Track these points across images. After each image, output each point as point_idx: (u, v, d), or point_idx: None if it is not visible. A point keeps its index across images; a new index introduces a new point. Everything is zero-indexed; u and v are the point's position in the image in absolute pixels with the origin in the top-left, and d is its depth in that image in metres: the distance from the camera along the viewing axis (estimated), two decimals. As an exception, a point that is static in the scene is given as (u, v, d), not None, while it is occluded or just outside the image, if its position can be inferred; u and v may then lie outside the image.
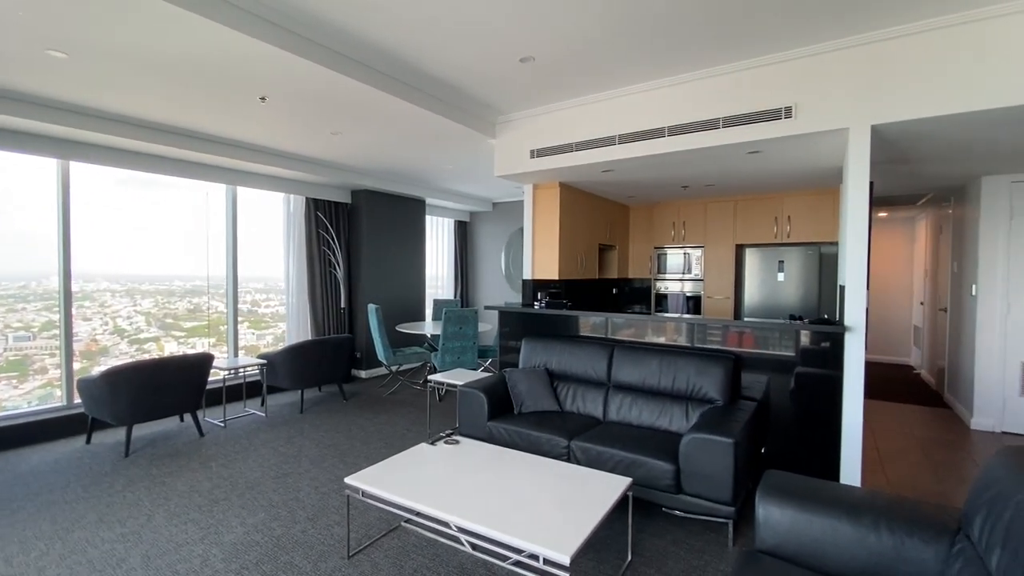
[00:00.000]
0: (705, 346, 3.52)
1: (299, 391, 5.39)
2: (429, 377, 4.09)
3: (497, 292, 7.98)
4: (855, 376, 2.91)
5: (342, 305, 6.12)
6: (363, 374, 6.23)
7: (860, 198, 2.94)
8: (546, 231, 4.83)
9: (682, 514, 2.72)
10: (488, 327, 5.81)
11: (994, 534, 1.30)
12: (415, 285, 6.91)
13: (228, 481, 3.17)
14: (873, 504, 1.69)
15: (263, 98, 3.43)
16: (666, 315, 5.57)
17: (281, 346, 5.40)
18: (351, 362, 6.21)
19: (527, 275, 4.92)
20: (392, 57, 3.12)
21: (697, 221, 6.00)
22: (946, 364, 5.32)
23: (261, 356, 4.82)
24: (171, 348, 4.92)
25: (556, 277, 4.77)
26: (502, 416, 3.29)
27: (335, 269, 6.05)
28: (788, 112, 3.08)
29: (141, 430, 4.18)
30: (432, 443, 2.75)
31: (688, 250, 6.09)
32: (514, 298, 7.63)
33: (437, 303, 6.62)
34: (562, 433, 2.97)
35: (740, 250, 5.80)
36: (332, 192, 6.01)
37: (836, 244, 5.16)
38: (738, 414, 2.79)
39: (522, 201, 7.45)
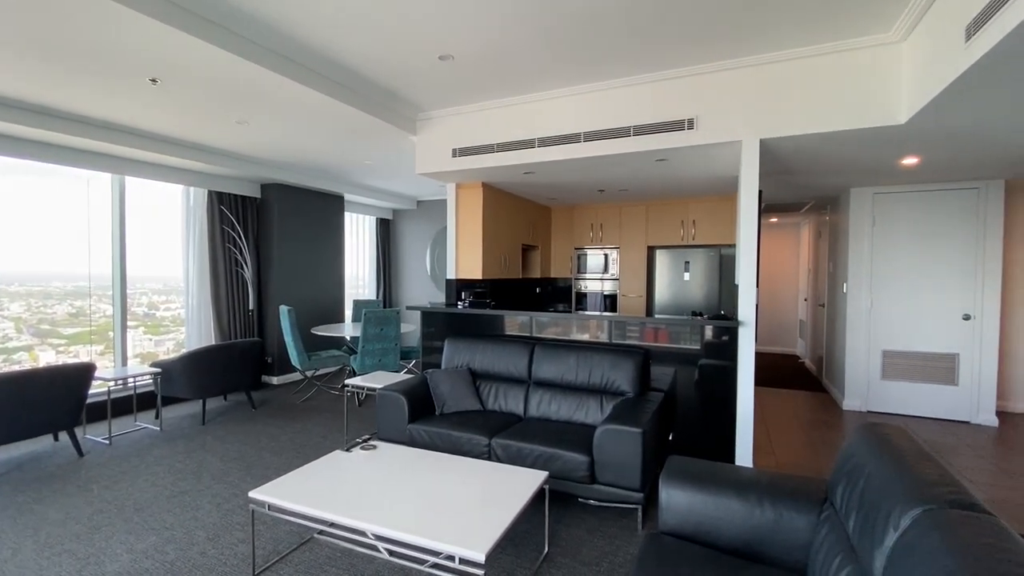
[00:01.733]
0: (618, 342, 3.70)
1: (201, 401, 4.96)
2: (347, 381, 3.93)
3: (422, 292, 7.86)
4: (747, 366, 3.21)
5: (250, 307, 5.72)
6: (275, 380, 5.86)
7: (750, 205, 3.24)
8: (469, 231, 4.83)
9: (597, 503, 2.85)
10: (411, 328, 5.71)
11: (851, 501, 1.50)
12: (333, 285, 6.61)
13: (113, 505, 2.84)
14: (758, 482, 1.87)
15: (154, 80, 3.11)
16: (584, 313, 5.81)
17: (184, 352, 4.94)
18: (261, 368, 5.82)
19: (450, 275, 4.89)
20: (301, 44, 2.96)
21: (613, 224, 6.29)
22: (824, 353, 6.02)
23: (155, 364, 4.38)
24: (48, 358, 4.32)
25: (480, 277, 4.79)
26: (423, 418, 3.25)
27: (242, 268, 5.63)
28: (690, 124, 3.32)
29: (5, 452, 3.63)
30: (348, 450, 2.65)
31: (606, 251, 6.37)
32: (440, 298, 7.55)
33: (357, 304, 6.38)
34: (483, 432, 2.99)
35: (651, 251, 6.17)
36: (239, 185, 5.59)
37: (733, 246, 5.65)
38: (647, 405, 2.97)
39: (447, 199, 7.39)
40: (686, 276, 5.91)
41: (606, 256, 6.37)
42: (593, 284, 6.50)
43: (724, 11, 2.59)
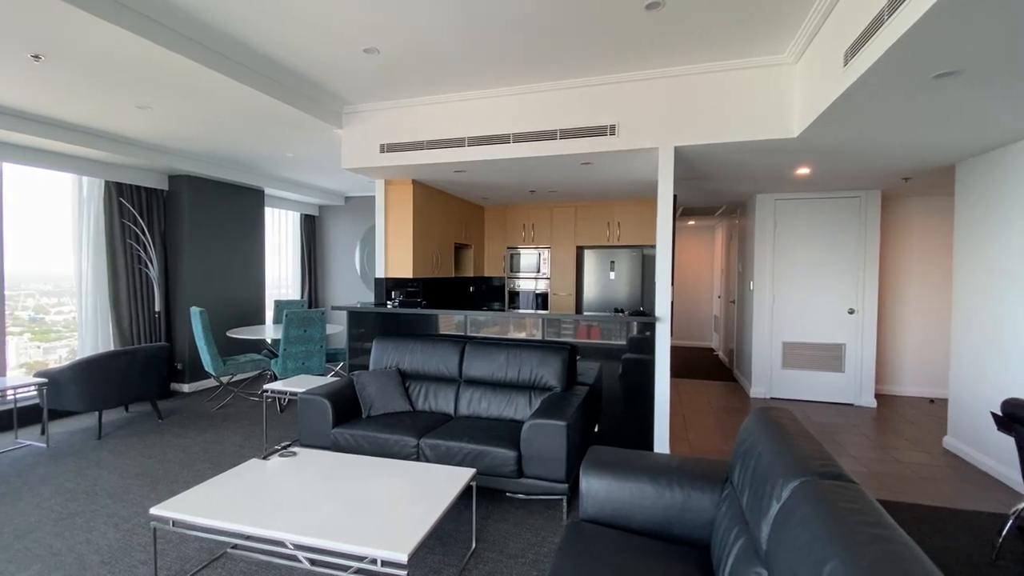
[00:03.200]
0: (546, 339, 3.80)
1: (96, 413, 4.48)
2: (266, 386, 3.73)
3: (352, 292, 7.60)
4: (663, 359, 3.41)
5: (156, 309, 5.25)
6: (186, 388, 5.43)
7: (667, 208, 3.45)
8: (400, 228, 4.74)
9: (524, 496, 2.91)
10: (339, 329, 5.51)
11: (744, 479, 1.65)
12: (252, 285, 6.23)
13: (-17, 534, 2.51)
14: (670, 467, 2.01)
15: (36, 56, 2.78)
16: (513, 312, 5.88)
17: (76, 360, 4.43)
18: (169, 375, 5.37)
19: (380, 273, 4.78)
20: (210, 27, 2.77)
21: (544, 224, 6.44)
22: (734, 346, 6.53)
23: (40, 374, 3.90)
24: None
25: (411, 275, 4.72)
26: (349, 422, 3.16)
27: (147, 267, 5.16)
28: (612, 130, 3.48)
29: None
30: (265, 458, 2.52)
31: (538, 250, 6.51)
32: (372, 298, 7.34)
33: (279, 305, 6.06)
34: (412, 432, 2.96)
35: (580, 251, 6.38)
36: (142, 176, 5.11)
37: (655, 247, 5.98)
38: (572, 399, 3.08)
39: (376, 197, 7.20)
40: (612, 275, 6.17)
41: (539, 256, 6.50)
42: (526, 283, 6.61)
43: (640, 28, 2.74)
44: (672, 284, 3.46)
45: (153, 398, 4.41)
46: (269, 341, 5.76)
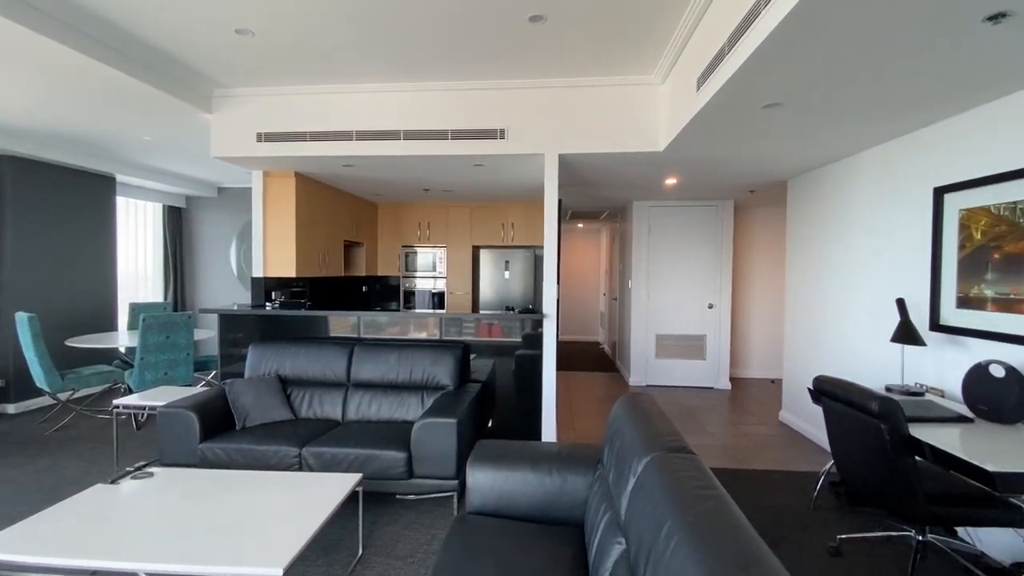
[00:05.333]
0: (439, 338, 3.82)
1: None
2: (117, 401, 3.28)
3: (227, 293, 6.92)
4: (550, 353, 3.61)
5: (-35, 316, 4.34)
6: (11, 409, 4.56)
7: (552, 211, 3.65)
8: (281, 224, 4.43)
9: (416, 496, 2.91)
10: (210, 334, 5.00)
11: (611, 459, 1.82)
12: (101, 286, 5.41)
13: None
14: (550, 454, 2.14)
15: None
16: (408, 312, 5.80)
17: None
18: (-15, 394, 4.48)
19: (258, 272, 4.42)
20: (39, -13, 2.37)
21: (440, 223, 6.43)
22: (616, 339, 7.08)
23: None
24: None
25: (294, 274, 4.43)
26: (220, 435, 2.89)
27: (-50, 265, 4.24)
28: (502, 134, 3.59)
29: None
30: (114, 482, 2.23)
31: (434, 249, 6.47)
32: (250, 299, 6.74)
33: (135, 308, 5.33)
34: (293, 442, 2.80)
35: (476, 251, 6.48)
36: (-59, 154, 4.19)
37: (547, 247, 6.28)
38: (464, 396, 3.13)
39: (255, 190, 6.62)
40: (507, 275, 6.35)
41: (435, 255, 6.47)
42: (423, 282, 6.54)
43: (525, 38, 2.87)
44: (559, 283, 3.67)
45: (-40, 424, 3.64)
46: (123, 350, 5.04)
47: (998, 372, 2.24)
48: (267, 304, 4.24)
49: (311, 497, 2.08)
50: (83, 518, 1.90)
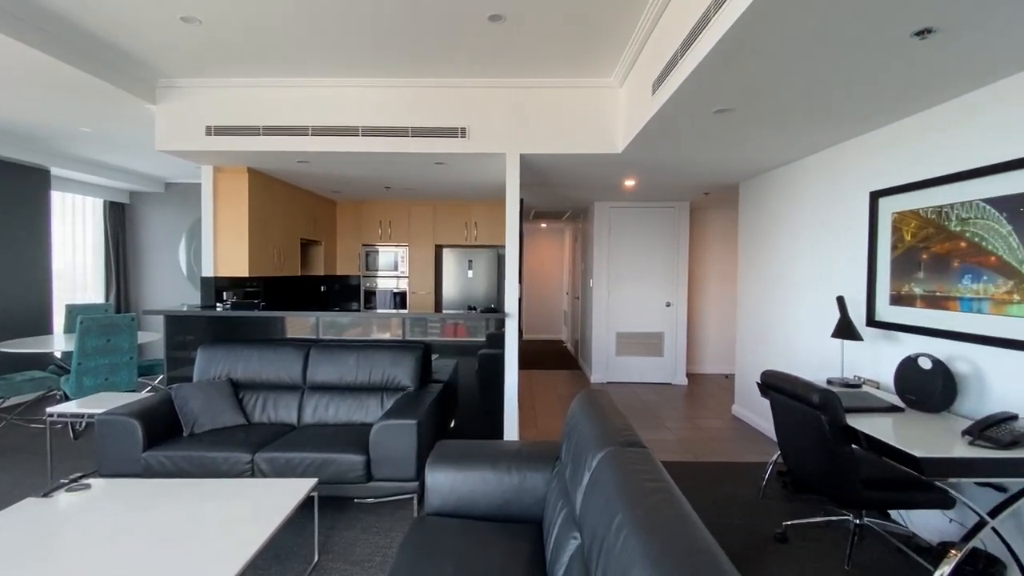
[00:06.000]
0: (402, 338, 3.77)
1: None
2: (51, 409, 3.07)
3: (177, 293, 6.59)
4: (512, 352, 3.63)
5: None
6: (-74, 420, 4.19)
7: (514, 210, 3.66)
8: (232, 221, 4.26)
9: (375, 500, 2.86)
10: (156, 337, 4.76)
11: (568, 455, 1.85)
12: (33, 286, 5.04)
13: None
14: (509, 452, 2.15)
15: None
16: (369, 312, 5.70)
17: None
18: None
19: (208, 272, 4.24)
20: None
21: (402, 221, 6.33)
22: (579, 337, 7.18)
23: None
24: None
25: (247, 274, 4.27)
26: (166, 442, 2.75)
27: None
28: (463, 132, 3.57)
29: None
30: (46, 495, 2.09)
31: (396, 248, 6.37)
32: (200, 300, 6.44)
33: (72, 310, 5.00)
34: (245, 448, 2.70)
35: (439, 250, 6.42)
36: None
37: (510, 246, 6.30)
38: (425, 397, 3.10)
39: (206, 185, 6.34)
40: (470, 274, 6.33)
41: (396, 254, 6.37)
42: (384, 282, 6.43)
43: (485, 37, 2.86)
44: (521, 282, 3.68)
45: None
46: (58, 355, 4.73)
47: (926, 364, 2.41)
48: (218, 305, 4.06)
49: (263, 504, 2.01)
50: (11, 535, 1.77)
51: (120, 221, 6.34)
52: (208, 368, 3.27)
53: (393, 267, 6.38)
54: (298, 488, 2.15)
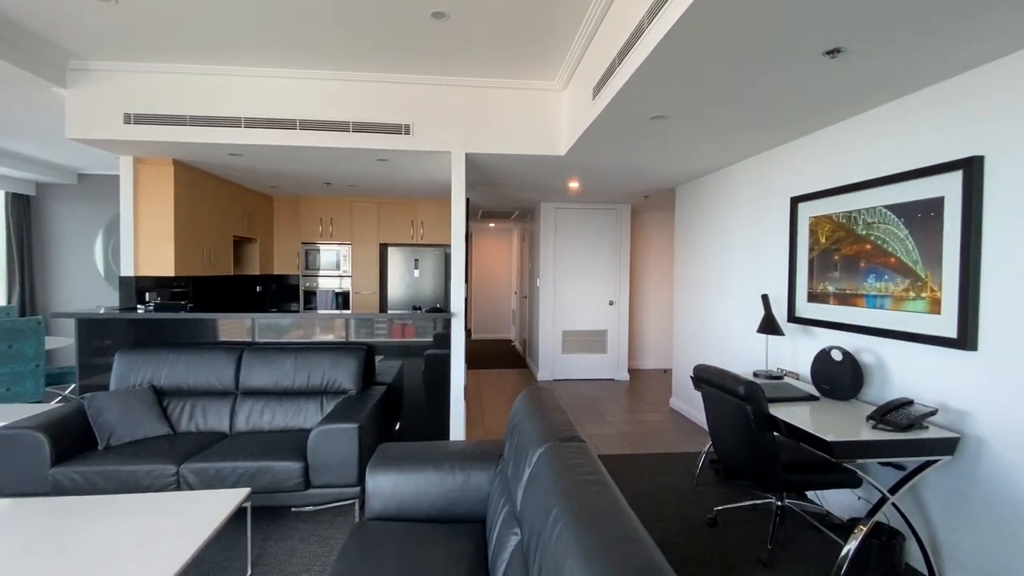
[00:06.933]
0: (345, 340, 3.66)
1: None
2: (-64, 425, 2.73)
3: (92, 295, 6.04)
4: (458, 352, 3.61)
5: None
6: None
7: (459, 210, 3.65)
8: (156, 217, 3.96)
9: (314, 508, 2.76)
10: (67, 342, 4.35)
11: (510, 452, 1.87)
12: (-86, 287, 4.46)
13: None
14: (454, 452, 2.14)
15: None
16: (305, 312, 5.49)
17: None
18: None
19: (128, 271, 3.92)
20: None
21: (344, 219, 6.14)
22: (527, 336, 7.26)
23: None
24: None
25: (173, 273, 3.99)
26: (78, 457, 2.53)
27: None
28: (407, 129, 3.52)
29: None
30: (-72, 521, 1.86)
31: (338, 247, 6.17)
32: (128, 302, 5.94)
33: (-35, 313, 4.48)
34: (170, 459, 2.53)
35: (384, 248, 6.28)
36: None
37: (457, 246, 6.26)
38: (368, 400, 3.03)
39: (126, 177, 5.85)
40: (416, 273, 6.24)
41: (338, 253, 6.17)
42: (326, 281, 6.21)
43: (428, 34, 2.83)
44: (468, 282, 3.67)
45: None
46: (-54, 364, 4.21)
47: (837, 356, 2.63)
48: (139, 307, 3.77)
49: (189, 518, 1.90)
50: None
51: (25, 215, 5.74)
52: (127, 375, 3.03)
53: (335, 266, 6.18)
54: (229, 499, 2.04)
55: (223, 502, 2.02)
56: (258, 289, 6.08)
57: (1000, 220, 2.01)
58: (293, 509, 2.76)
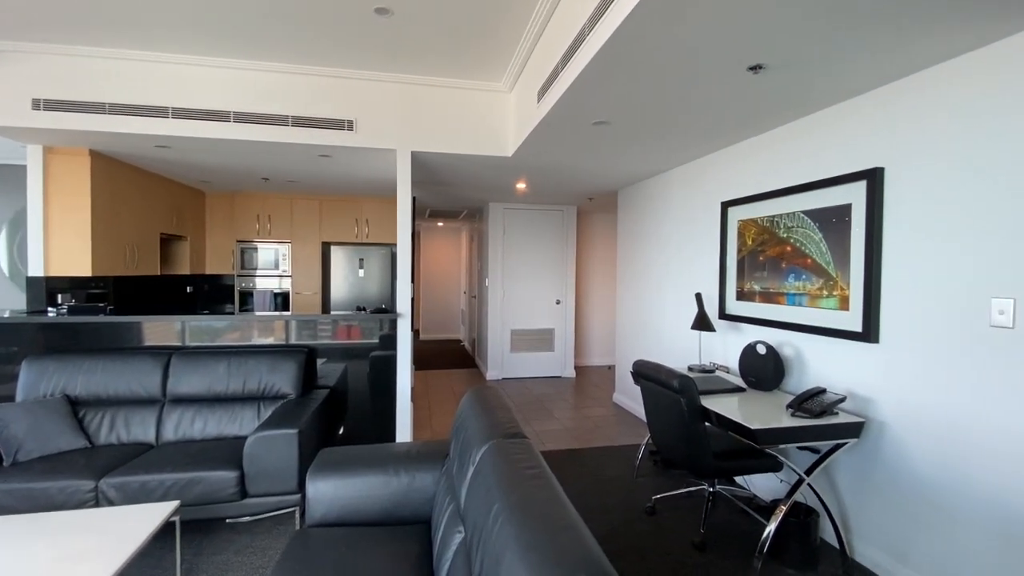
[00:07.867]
0: (285, 342, 3.52)
1: None
2: None
3: (-12, 296, 5.44)
4: (404, 352, 3.57)
5: None
6: None
7: (405, 208, 3.61)
8: (70, 212, 3.64)
9: (251, 518, 2.65)
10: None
11: (456, 451, 1.88)
12: None
13: None
14: (398, 454, 2.13)
15: None
16: (241, 315, 5.24)
17: None
18: None
19: (37, 271, 3.58)
20: None
21: (284, 216, 5.89)
22: (476, 336, 7.27)
23: None
24: None
25: (90, 273, 3.68)
26: (-24, 475, 2.29)
27: None
28: (350, 125, 3.44)
29: None
30: None
31: (277, 245, 5.91)
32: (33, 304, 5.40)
33: None
34: (87, 474, 2.34)
35: (326, 247, 6.08)
36: None
37: (404, 245, 6.17)
38: (309, 404, 2.93)
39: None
40: (361, 273, 6.09)
41: (277, 251, 5.91)
42: (263, 282, 5.93)
43: (372, 30, 2.78)
44: (415, 281, 3.64)
45: None
46: None
47: (761, 350, 2.83)
48: (51, 310, 3.45)
49: (109, 536, 1.77)
50: None
51: (-94, 207, 5.08)
52: (37, 384, 2.77)
53: (274, 265, 5.92)
54: (154, 513, 1.93)
55: (148, 517, 1.90)
56: (188, 290, 5.72)
57: (897, 225, 2.25)
58: (228, 520, 2.63)
